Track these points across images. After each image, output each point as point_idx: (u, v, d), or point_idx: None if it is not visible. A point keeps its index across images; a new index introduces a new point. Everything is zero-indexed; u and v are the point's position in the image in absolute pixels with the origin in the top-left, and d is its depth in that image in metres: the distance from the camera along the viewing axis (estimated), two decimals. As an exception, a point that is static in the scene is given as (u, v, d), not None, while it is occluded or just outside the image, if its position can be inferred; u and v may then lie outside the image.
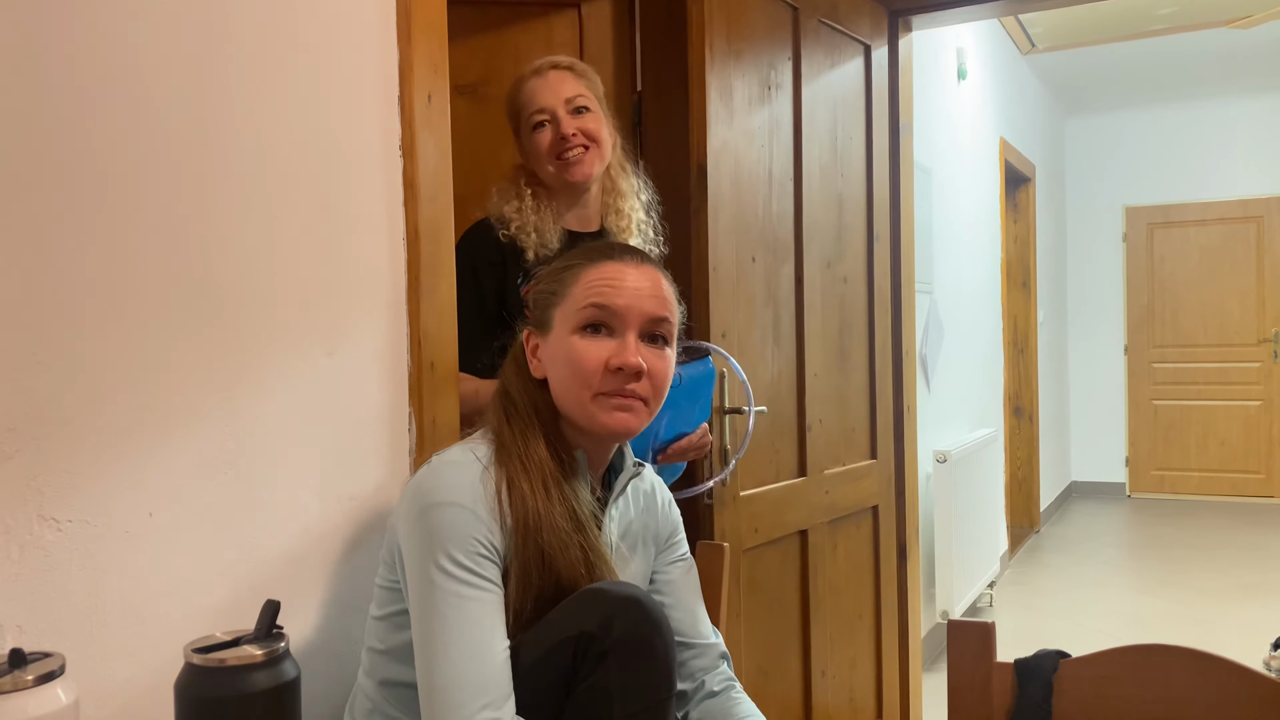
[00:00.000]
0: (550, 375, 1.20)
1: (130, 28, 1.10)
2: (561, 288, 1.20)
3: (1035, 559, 5.52)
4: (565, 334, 1.17)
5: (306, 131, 1.31)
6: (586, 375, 1.15)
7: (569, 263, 1.22)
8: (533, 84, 1.77)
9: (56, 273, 1.02)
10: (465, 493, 1.10)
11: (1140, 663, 0.99)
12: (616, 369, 1.15)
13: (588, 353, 1.15)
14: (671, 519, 1.37)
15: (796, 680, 2.47)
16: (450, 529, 1.08)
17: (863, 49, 2.78)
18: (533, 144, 1.77)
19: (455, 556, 1.07)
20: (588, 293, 1.17)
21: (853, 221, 2.73)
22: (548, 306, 1.21)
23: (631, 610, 1.07)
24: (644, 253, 1.24)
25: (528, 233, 1.73)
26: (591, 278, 1.18)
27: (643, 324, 1.18)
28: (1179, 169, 7.10)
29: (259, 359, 1.24)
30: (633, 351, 1.16)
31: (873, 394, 2.83)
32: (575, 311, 1.17)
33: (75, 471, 1.04)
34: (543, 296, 1.22)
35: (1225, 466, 7.07)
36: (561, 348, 1.17)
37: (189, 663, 0.83)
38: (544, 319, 1.21)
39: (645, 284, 1.19)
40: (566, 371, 1.17)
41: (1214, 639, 4.02)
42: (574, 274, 1.20)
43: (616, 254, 1.21)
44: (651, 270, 1.21)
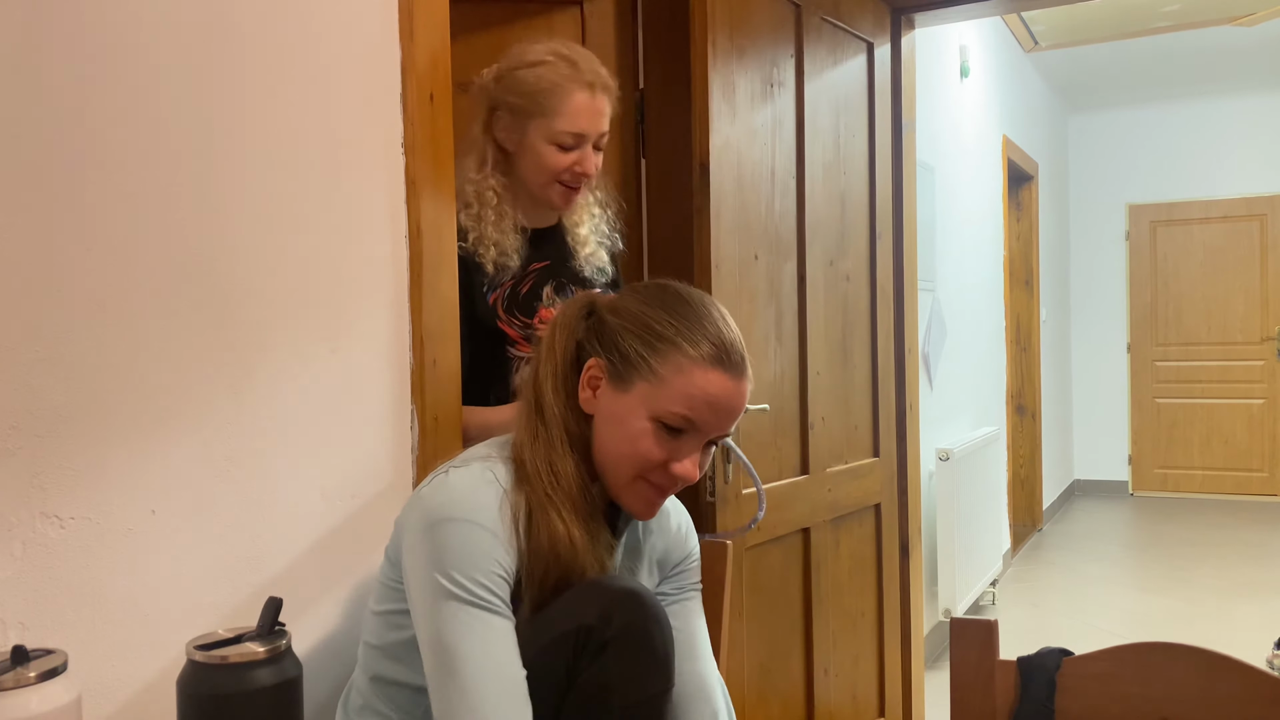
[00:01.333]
0: (601, 426, 1.15)
1: (132, 23, 1.10)
2: (658, 363, 1.12)
3: (1038, 557, 5.51)
4: (641, 413, 1.12)
5: (309, 128, 1.31)
6: (644, 465, 1.12)
7: (679, 336, 1.12)
8: (582, 100, 1.60)
9: (59, 270, 1.03)
10: (484, 512, 1.07)
11: (1144, 661, 0.99)
12: (675, 475, 1.13)
13: (657, 449, 1.12)
14: (685, 546, 1.32)
15: (799, 678, 2.47)
16: (468, 547, 1.05)
17: (865, 46, 2.77)
18: (545, 155, 1.62)
19: (473, 576, 1.04)
20: (685, 399, 1.11)
21: (855, 219, 2.73)
22: (635, 367, 1.12)
23: (630, 603, 1.07)
24: (742, 347, 1.17)
25: (486, 246, 1.61)
26: (695, 383, 1.11)
27: (713, 436, 1.16)
28: (1182, 167, 7.09)
29: (261, 355, 1.24)
30: (694, 464, 1.14)
31: (875, 392, 2.83)
32: (665, 407, 1.11)
33: (78, 469, 1.04)
34: (633, 354, 1.13)
35: (1228, 465, 7.06)
36: (632, 422, 1.12)
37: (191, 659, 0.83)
38: (625, 375, 1.13)
39: (738, 404, 1.15)
40: (626, 449, 1.12)
41: (1217, 637, 4.01)
42: (677, 359, 1.11)
43: (730, 365, 1.14)
44: (746, 384, 1.16)
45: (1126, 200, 7.26)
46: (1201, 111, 7.02)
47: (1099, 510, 6.83)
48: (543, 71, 1.61)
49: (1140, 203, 7.22)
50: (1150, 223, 7.21)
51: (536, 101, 1.61)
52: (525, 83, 1.61)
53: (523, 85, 1.61)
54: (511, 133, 1.65)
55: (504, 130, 1.65)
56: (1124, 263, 7.29)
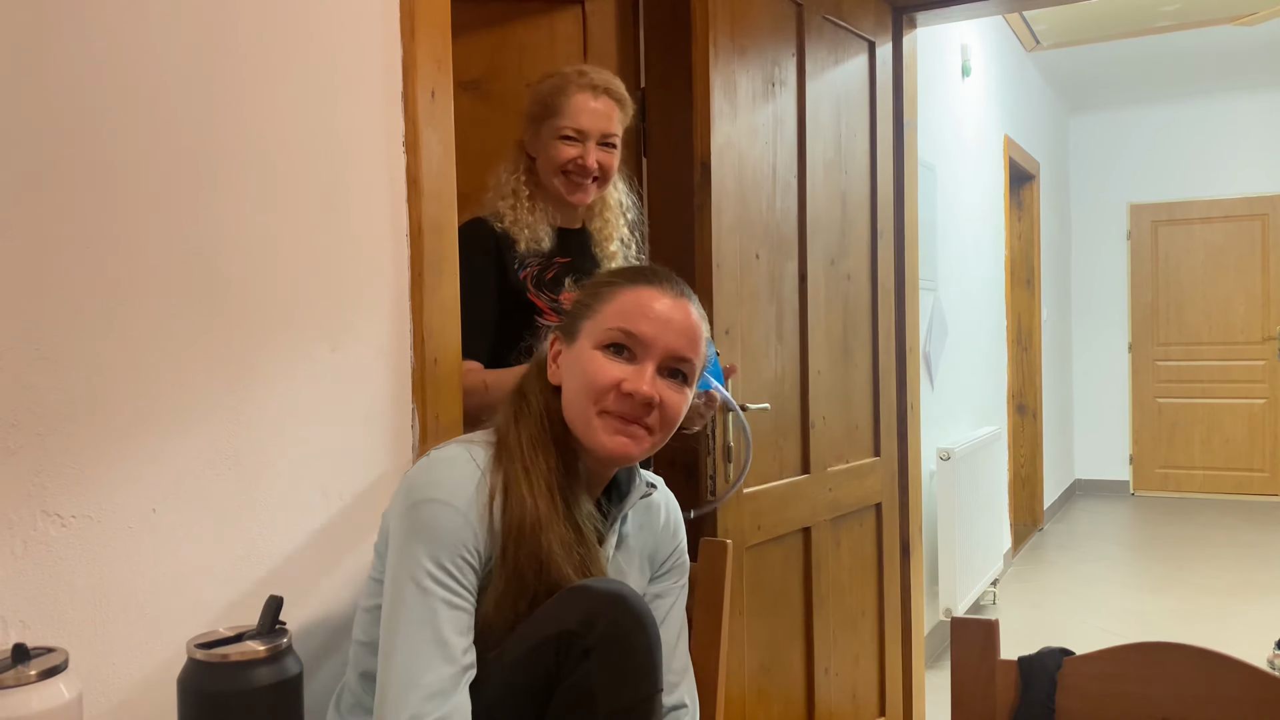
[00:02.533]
0: (565, 385, 1.20)
1: (133, 21, 1.10)
2: (595, 302, 1.20)
3: (1038, 557, 5.51)
4: (587, 347, 1.17)
5: (310, 127, 1.31)
6: (597, 390, 1.15)
7: (610, 279, 1.23)
8: (582, 99, 1.78)
9: (59, 267, 1.02)
10: (458, 493, 1.10)
11: (1145, 661, 0.99)
12: (627, 394, 1.14)
13: (603, 369, 1.15)
14: (674, 541, 1.34)
15: (799, 677, 2.47)
16: (439, 529, 1.08)
17: (867, 45, 2.77)
18: (551, 149, 1.79)
19: (439, 559, 1.07)
20: (618, 314, 1.17)
21: (857, 218, 2.73)
22: (578, 318, 1.21)
23: (614, 607, 1.06)
24: (684, 285, 1.22)
25: (520, 228, 1.78)
26: (626, 300, 1.18)
27: (664, 357, 1.17)
28: (1184, 166, 7.09)
29: (262, 354, 1.24)
30: (648, 380, 1.15)
31: (876, 391, 2.82)
32: (602, 329, 1.17)
33: (78, 467, 1.04)
34: (576, 307, 1.23)
35: (1229, 464, 7.06)
36: (580, 359, 1.17)
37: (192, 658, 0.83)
38: (572, 329, 1.21)
39: (677, 317, 1.18)
40: (579, 382, 1.17)
41: (1218, 637, 4.01)
42: (610, 291, 1.20)
43: (657, 280, 1.20)
44: (686, 305, 1.20)
45: (1128, 200, 7.25)
46: (1203, 111, 7.01)
47: (1100, 510, 6.82)
48: (554, 79, 1.82)
49: (1141, 202, 7.22)
50: (1151, 222, 7.20)
51: (546, 105, 1.81)
52: (540, 92, 1.83)
53: (538, 94, 1.83)
54: (532, 138, 1.84)
55: (528, 137, 1.85)
56: (1125, 262, 7.29)
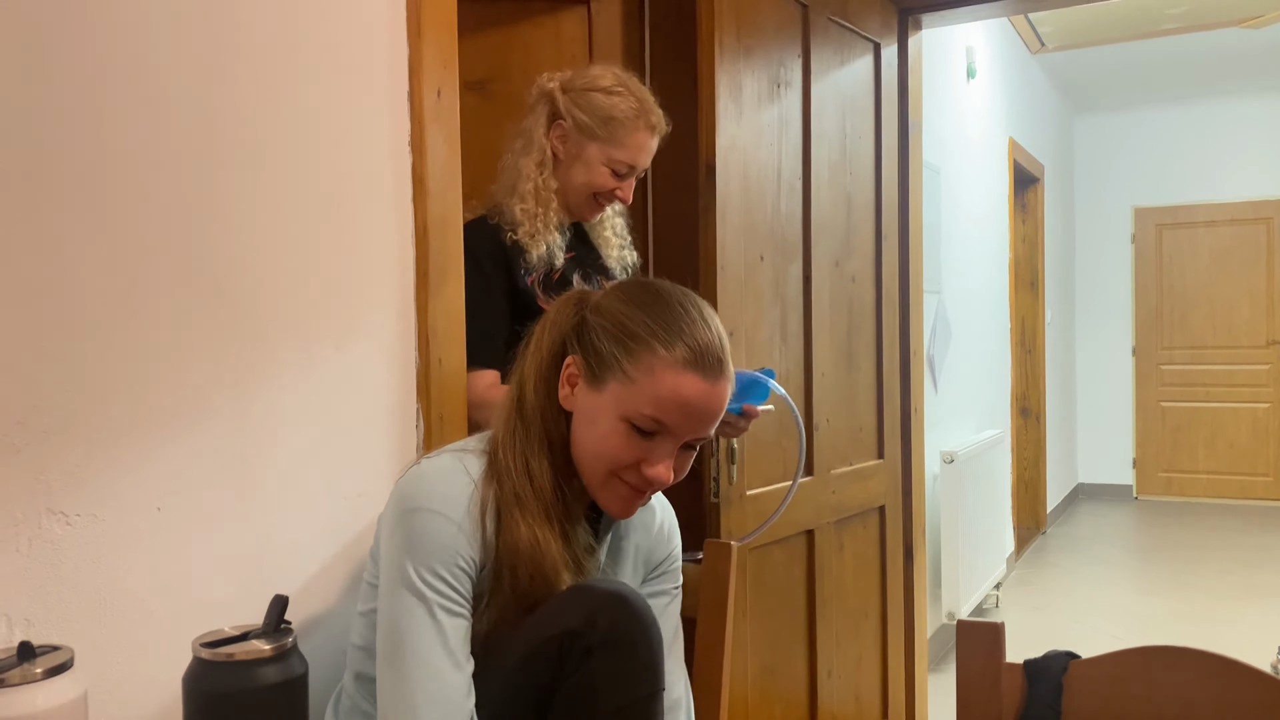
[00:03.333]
0: (578, 423, 1.14)
1: (139, 20, 1.10)
2: (630, 364, 1.10)
3: (1041, 560, 5.50)
4: (613, 413, 1.10)
5: (316, 126, 1.31)
6: (615, 465, 1.12)
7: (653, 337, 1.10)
8: (644, 139, 1.75)
9: (65, 267, 1.03)
10: (452, 504, 1.08)
11: (1151, 664, 0.99)
12: (648, 476, 1.12)
13: (625, 447, 1.10)
14: (669, 545, 1.32)
15: (802, 680, 2.47)
16: (432, 538, 1.06)
17: (872, 47, 2.77)
18: (595, 173, 1.74)
19: (434, 569, 1.06)
20: (657, 403, 1.09)
21: (861, 220, 2.72)
22: (608, 367, 1.11)
23: (616, 606, 1.06)
24: (725, 352, 1.14)
25: (536, 241, 1.71)
26: (668, 387, 1.08)
27: (688, 439, 1.13)
28: (1189, 170, 7.08)
29: (267, 354, 1.24)
30: (669, 466, 1.12)
31: (880, 394, 2.82)
32: (635, 408, 1.09)
33: (83, 466, 1.04)
34: (607, 353, 1.12)
35: (1233, 469, 7.05)
36: (605, 422, 1.11)
37: (197, 657, 0.82)
38: (600, 374, 1.12)
39: (714, 407, 1.12)
40: (599, 448, 1.11)
41: (1222, 641, 4.00)
42: (649, 360, 1.09)
43: (704, 365, 1.10)
44: (725, 388, 1.13)
45: (1132, 203, 7.25)
46: (1208, 114, 7.00)
47: (1103, 514, 6.81)
48: (616, 101, 1.74)
49: (1146, 205, 7.21)
50: (1156, 225, 7.19)
51: (605, 126, 1.74)
52: (599, 106, 1.74)
53: (595, 107, 1.74)
54: (570, 144, 1.77)
55: (562, 139, 1.77)
56: (1129, 265, 7.28)
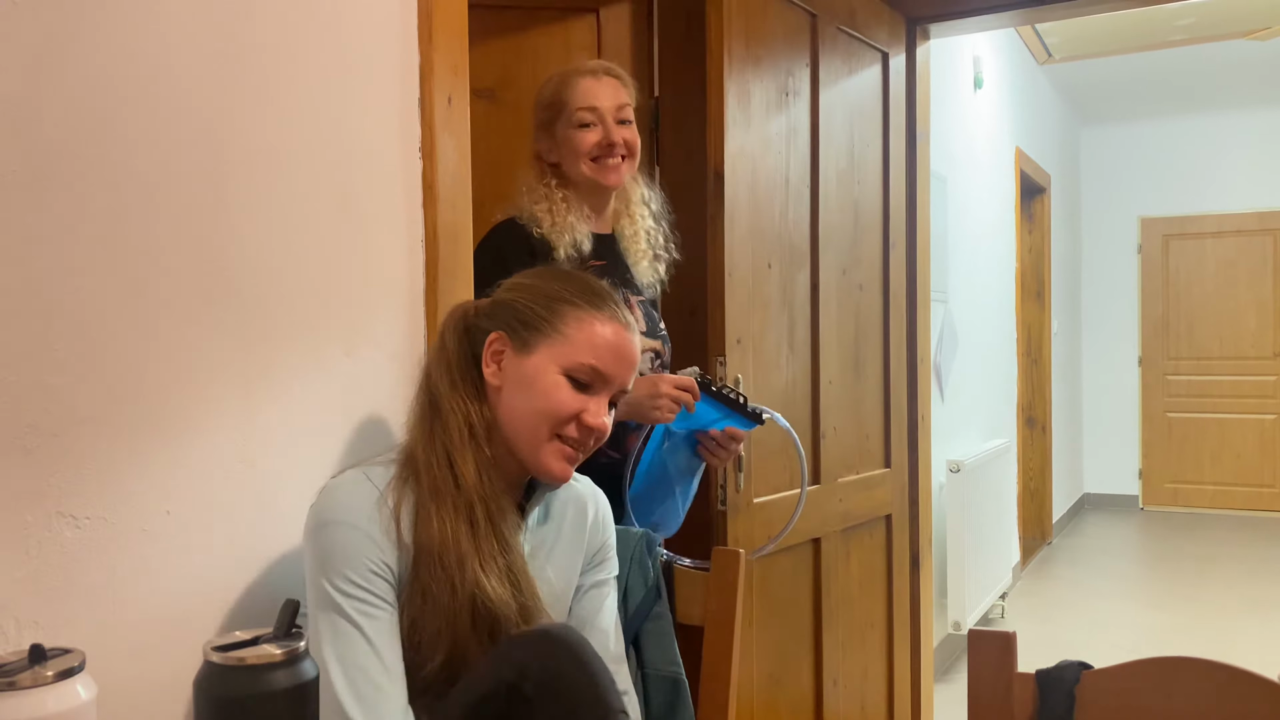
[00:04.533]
0: (509, 394, 1.18)
1: (152, 27, 1.10)
2: (557, 320, 1.17)
3: (1047, 571, 5.48)
4: (550, 369, 1.16)
5: (327, 132, 1.31)
6: (559, 419, 1.16)
7: (572, 296, 1.19)
8: (587, 83, 1.78)
9: (76, 271, 1.03)
10: (355, 511, 1.10)
11: (1164, 675, 0.98)
12: (586, 426, 1.17)
13: (568, 399, 1.16)
14: (604, 534, 1.33)
15: (808, 689, 2.46)
16: (340, 548, 1.08)
17: (880, 56, 2.77)
18: (573, 139, 1.77)
19: (346, 575, 1.07)
20: (592, 351, 1.16)
21: (869, 229, 2.72)
22: (534, 329, 1.18)
23: (543, 648, 1.05)
24: (634, 316, 1.24)
25: (560, 232, 1.74)
26: (598, 335, 1.17)
27: (617, 391, 1.20)
28: (1195, 180, 7.07)
29: (277, 358, 1.24)
30: (605, 414, 1.19)
31: (887, 402, 2.82)
32: (571, 359, 1.16)
33: (93, 468, 1.04)
34: (533, 316, 1.18)
35: (1239, 480, 7.02)
36: (542, 378, 1.16)
37: (208, 661, 0.82)
38: (524, 338, 1.18)
39: (633, 355, 1.20)
40: (537, 404, 1.16)
41: (1228, 653, 3.98)
42: (575, 315, 1.18)
43: (618, 313, 1.20)
44: (637, 339, 1.22)
45: (1139, 213, 7.24)
46: (1215, 125, 7.00)
47: (1109, 524, 6.79)
48: (552, 80, 1.83)
49: (1152, 216, 7.20)
50: (1162, 236, 7.18)
51: (552, 104, 1.80)
52: (543, 97, 1.83)
53: (542, 100, 1.83)
54: (549, 145, 1.82)
55: (543, 144, 1.83)
56: (1136, 276, 7.27)
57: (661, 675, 1.44)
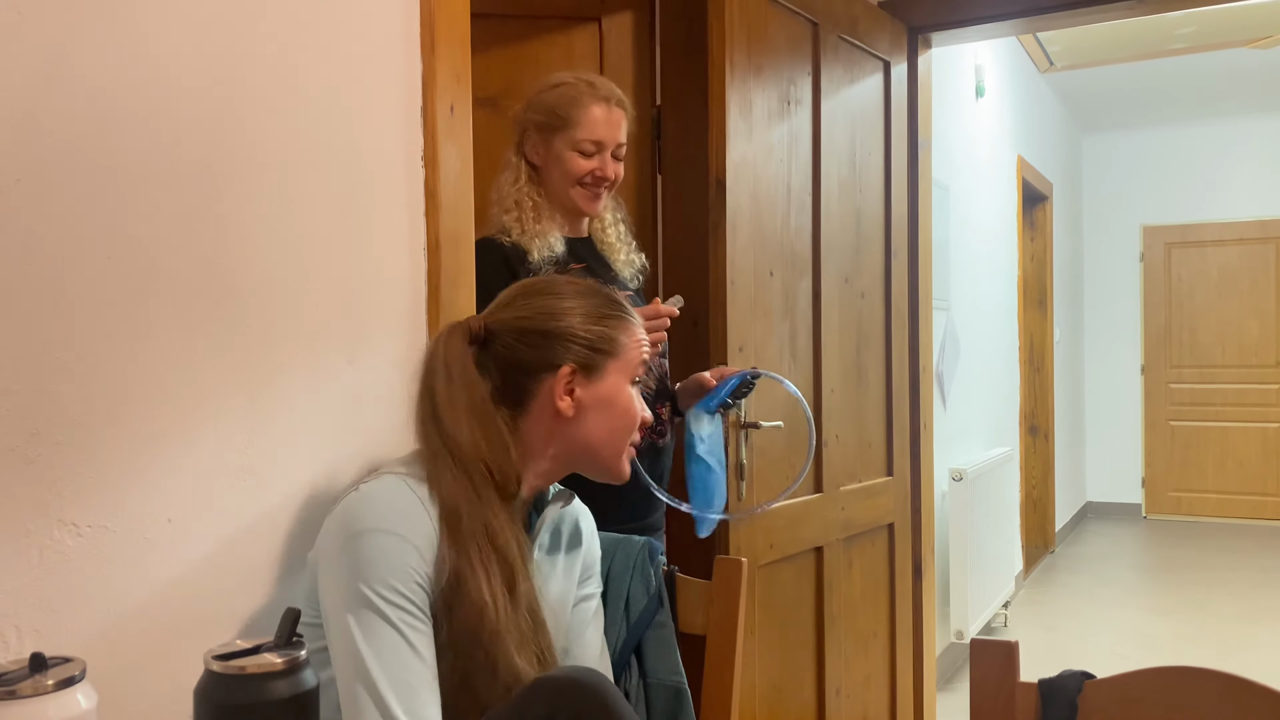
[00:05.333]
0: (591, 417, 1.21)
1: (155, 36, 1.10)
2: (616, 337, 1.23)
3: (1050, 579, 5.47)
4: (623, 384, 1.23)
5: (330, 140, 1.32)
6: (639, 426, 1.25)
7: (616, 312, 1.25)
8: (599, 112, 1.78)
9: (79, 279, 1.03)
10: (401, 522, 1.07)
11: (1168, 685, 0.98)
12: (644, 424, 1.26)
13: (639, 407, 1.25)
14: (594, 553, 1.36)
15: (811, 698, 2.45)
16: (385, 556, 1.05)
17: (882, 65, 2.78)
18: (569, 163, 1.78)
19: (390, 584, 1.04)
20: (639, 353, 1.25)
21: (871, 237, 2.72)
22: (603, 353, 1.22)
23: (569, 695, 1.03)
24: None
25: (530, 238, 1.76)
26: (637, 337, 1.25)
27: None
28: (1197, 188, 7.07)
29: (280, 365, 1.24)
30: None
31: (889, 410, 2.81)
32: (630, 367, 1.24)
33: (96, 476, 1.04)
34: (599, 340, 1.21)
35: (1243, 488, 7.00)
36: (620, 397, 1.22)
37: (209, 669, 0.82)
38: (595, 365, 1.21)
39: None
40: (622, 420, 1.23)
41: (1232, 662, 3.95)
42: (624, 327, 1.24)
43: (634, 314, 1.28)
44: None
45: (1141, 221, 7.24)
46: (1217, 133, 7.00)
47: (1112, 533, 6.77)
48: (563, 90, 1.80)
49: (1155, 224, 7.20)
50: (1165, 244, 7.18)
51: (559, 116, 1.78)
52: (548, 102, 1.80)
53: (546, 104, 1.80)
54: (539, 148, 1.81)
55: (533, 148, 1.82)
56: (1138, 284, 7.26)
57: (663, 684, 1.44)
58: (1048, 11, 2.93)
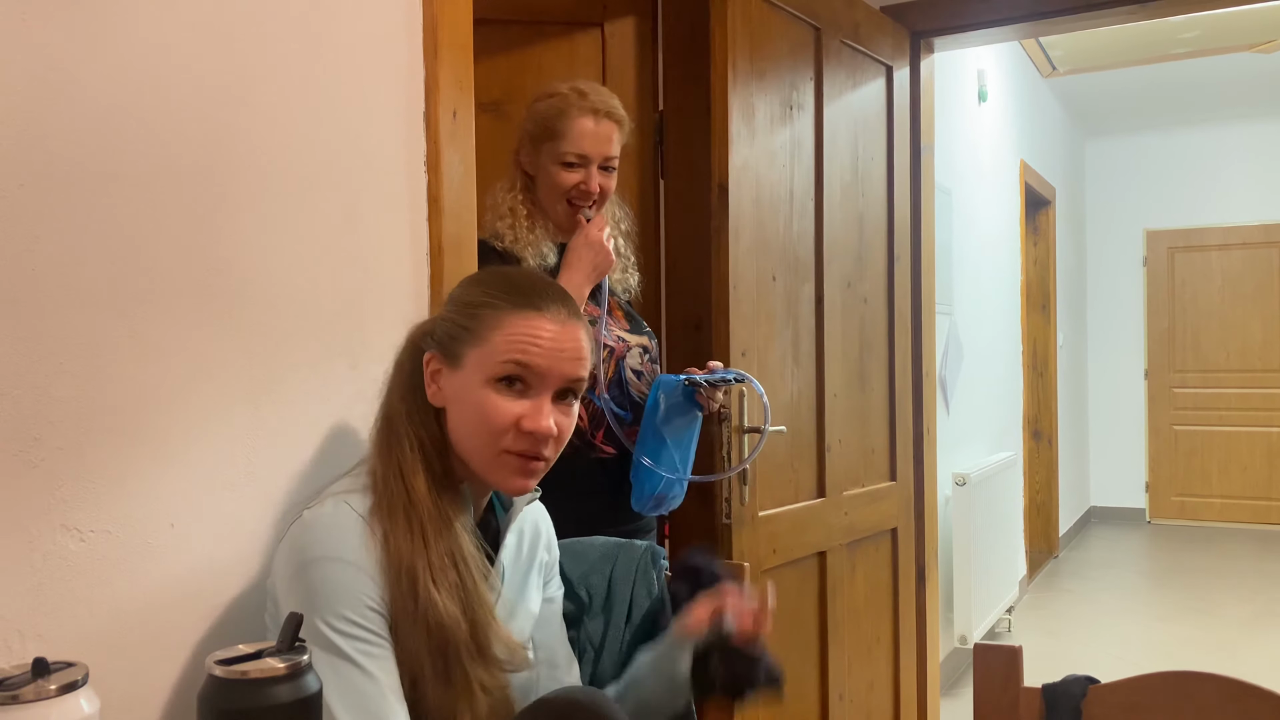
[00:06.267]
0: (452, 414, 1.12)
1: (157, 43, 1.11)
2: (479, 326, 1.10)
3: (1054, 584, 5.46)
4: (479, 380, 1.09)
5: (333, 145, 1.32)
6: (498, 432, 1.08)
7: (488, 297, 1.11)
8: (585, 124, 1.76)
9: (81, 284, 1.03)
10: (343, 545, 1.03)
11: (1171, 690, 0.97)
12: (527, 432, 1.08)
13: (501, 410, 1.08)
14: (553, 553, 1.33)
15: (814, 703, 2.45)
16: (332, 585, 1.01)
17: (884, 70, 2.78)
18: (554, 176, 1.78)
19: (342, 614, 1.00)
20: (509, 346, 1.08)
21: (873, 242, 2.72)
22: (460, 340, 1.10)
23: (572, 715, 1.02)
24: (567, 298, 1.14)
25: (523, 245, 1.77)
26: (515, 329, 1.08)
27: (560, 384, 1.11)
28: (1200, 193, 7.06)
29: (282, 371, 1.24)
30: (546, 415, 1.09)
31: (892, 415, 2.81)
32: (493, 362, 1.08)
33: (98, 481, 1.04)
34: (455, 327, 1.11)
35: (1247, 493, 6.99)
36: (473, 394, 1.09)
37: (211, 674, 0.82)
38: (454, 351, 1.11)
39: (569, 344, 1.10)
40: (476, 422, 1.09)
41: (1236, 667, 3.95)
42: (495, 317, 1.09)
43: (542, 303, 1.10)
44: (575, 327, 1.12)
45: (1144, 226, 7.23)
46: (1220, 138, 7.00)
47: (1116, 538, 6.76)
48: (554, 101, 1.79)
49: (1158, 228, 7.19)
50: (1168, 248, 7.17)
51: (547, 127, 1.78)
52: (540, 112, 1.80)
53: (537, 114, 1.81)
54: (530, 158, 1.82)
55: (526, 157, 1.83)
56: (1141, 288, 7.25)
57: (666, 689, 1.43)
58: (1050, 16, 2.93)
